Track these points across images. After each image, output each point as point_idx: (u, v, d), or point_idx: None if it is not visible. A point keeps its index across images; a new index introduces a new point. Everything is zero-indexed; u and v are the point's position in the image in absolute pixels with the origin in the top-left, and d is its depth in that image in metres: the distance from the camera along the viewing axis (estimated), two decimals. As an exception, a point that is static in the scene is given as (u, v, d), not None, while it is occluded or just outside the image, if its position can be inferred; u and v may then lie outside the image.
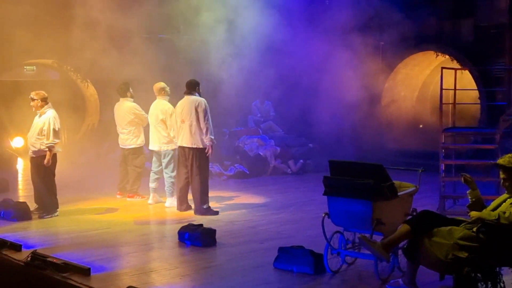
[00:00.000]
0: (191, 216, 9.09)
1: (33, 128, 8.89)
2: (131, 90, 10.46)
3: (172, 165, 9.76)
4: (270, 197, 10.79)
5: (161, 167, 9.89)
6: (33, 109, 8.94)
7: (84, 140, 15.98)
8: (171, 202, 9.70)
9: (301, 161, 14.08)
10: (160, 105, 9.79)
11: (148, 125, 10.07)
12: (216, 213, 9.08)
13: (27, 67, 16.53)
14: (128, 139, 10.32)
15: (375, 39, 15.36)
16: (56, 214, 8.96)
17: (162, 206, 9.88)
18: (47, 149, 8.74)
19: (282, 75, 14.95)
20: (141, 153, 10.42)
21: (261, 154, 13.94)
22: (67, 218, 8.95)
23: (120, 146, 10.52)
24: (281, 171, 13.91)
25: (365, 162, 6.36)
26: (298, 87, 15.11)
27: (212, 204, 9.42)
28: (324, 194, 6.32)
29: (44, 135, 8.72)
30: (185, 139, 9.08)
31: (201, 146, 9.06)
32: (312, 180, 12.36)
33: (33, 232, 8.18)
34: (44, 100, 8.89)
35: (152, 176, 9.99)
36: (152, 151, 9.98)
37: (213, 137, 9.06)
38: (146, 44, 14.90)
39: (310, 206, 9.83)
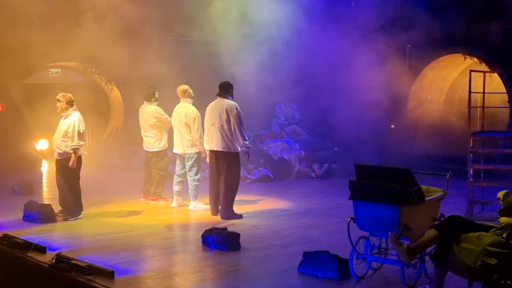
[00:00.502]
0: (215, 220, 9.10)
1: (58, 130, 8.98)
2: (156, 95, 10.49)
3: (195, 168, 9.77)
4: (295, 201, 10.78)
5: (184, 170, 9.91)
6: (58, 110, 9.04)
7: (108, 143, 16.11)
8: (194, 206, 9.72)
9: (326, 165, 14.05)
10: (184, 108, 9.81)
11: (172, 128, 10.12)
12: (240, 216, 9.08)
13: (52, 69, 16.73)
14: (151, 142, 10.39)
15: (401, 41, 15.24)
16: (80, 216, 9.03)
17: (186, 210, 9.90)
18: (72, 151, 8.83)
19: (305, 75, 14.90)
20: (165, 156, 10.46)
21: (286, 157, 13.94)
22: (91, 221, 9.02)
23: (144, 149, 10.60)
24: (306, 175, 13.90)
25: (392, 166, 6.30)
26: (321, 88, 15.06)
27: (236, 208, 9.41)
28: (350, 199, 6.30)
29: (69, 137, 8.81)
30: (216, 143, 9.04)
31: (232, 151, 9.01)
32: (337, 184, 12.34)
33: (58, 235, 8.25)
34: (70, 103, 8.98)
35: (176, 179, 10.01)
36: (175, 154, 10.01)
37: (247, 142, 9.02)
38: (170, 46, 15.02)
39: (336, 211, 9.79)
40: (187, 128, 9.72)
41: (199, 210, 9.61)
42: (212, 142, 9.07)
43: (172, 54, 14.70)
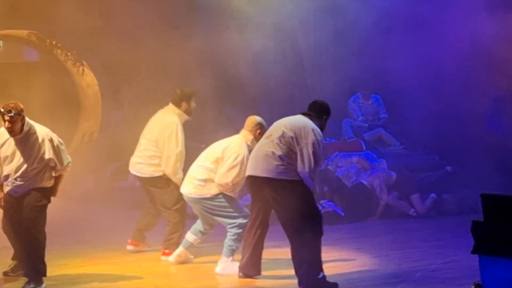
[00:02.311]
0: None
1: (16, 158, 9.13)
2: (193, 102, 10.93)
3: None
4: (381, 256, 10.76)
5: None
6: (10, 133, 9.16)
7: (77, 159, 16.22)
8: (226, 266, 9.83)
9: (433, 195, 13.99)
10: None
11: None
12: (335, 286, 8.98)
13: (-11, 42, 17.02)
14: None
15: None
16: (44, 286, 9.10)
17: (197, 269, 10.02)
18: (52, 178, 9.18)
19: (411, 62, 15.04)
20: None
21: (365, 183, 13.90)
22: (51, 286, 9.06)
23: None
24: (400, 212, 13.87)
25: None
26: (434, 79, 15.09)
27: (283, 265, 9.31)
28: (473, 252, 6.30)
29: (45, 164, 9.03)
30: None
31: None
32: (452, 228, 12.34)
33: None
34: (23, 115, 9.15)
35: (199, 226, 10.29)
36: None
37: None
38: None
39: (450, 273, 9.70)
40: None
41: (231, 274, 9.70)
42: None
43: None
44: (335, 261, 10.45)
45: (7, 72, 15.81)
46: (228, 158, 9.76)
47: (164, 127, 10.63)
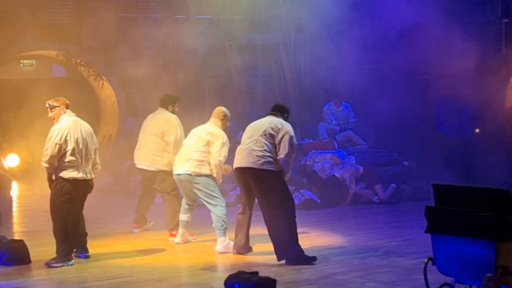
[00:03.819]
0: (244, 261, 9.10)
1: None
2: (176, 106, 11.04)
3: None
4: (350, 236, 10.77)
5: None
6: (53, 119, 9.25)
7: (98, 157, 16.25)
8: (225, 245, 9.80)
9: (393, 185, 14.00)
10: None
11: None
12: (314, 259, 9.03)
13: (24, 61, 16.98)
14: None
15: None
16: (70, 263, 9.08)
17: (196, 247, 10.03)
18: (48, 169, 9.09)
19: (373, 75, 15.17)
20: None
21: (337, 175, 13.90)
22: (76, 262, 9.09)
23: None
24: (365, 200, 13.88)
25: (485, 187, 6.24)
26: (391, 89, 15.19)
27: (269, 246, 9.37)
28: (426, 231, 6.28)
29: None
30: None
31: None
32: (409, 212, 12.33)
33: (32, 281, 8.31)
34: (67, 106, 9.27)
35: (184, 205, 10.27)
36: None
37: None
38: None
39: (407, 248, 9.73)
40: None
41: (228, 251, 9.70)
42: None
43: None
44: (313, 239, 10.47)
45: (39, 86, 15.78)
46: (217, 139, 9.82)
47: (166, 121, 10.74)
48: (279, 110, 9.48)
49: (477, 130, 15.63)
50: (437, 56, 15.15)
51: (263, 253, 9.48)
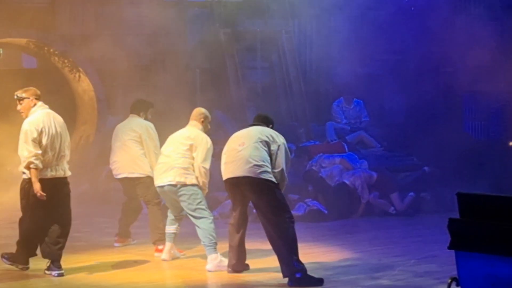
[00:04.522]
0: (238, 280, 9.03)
1: None
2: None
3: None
4: (362, 252, 10.75)
5: None
6: (23, 114, 9.31)
7: (74, 161, 16.18)
8: (216, 263, 9.79)
9: (412, 194, 13.99)
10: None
11: None
12: (320, 282, 9.01)
13: (-10, 49, 16.94)
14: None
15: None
16: (26, 266, 9.23)
17: (190, 265, 9.97)
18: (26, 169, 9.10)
19: (390, 67, 15.14)
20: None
21: (347, 183, 13.87)
22: (47, 282, 9.03)
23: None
24: (380, 211, 13.89)
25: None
26: (411, 84, 15.15)
27: (271, 261, 9.32)
28: (450, 248, 6.25)
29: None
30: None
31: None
32: (430, 225, 12.31)
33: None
34: (38, 97, 9.35)
35: (170, 216, 10.32)
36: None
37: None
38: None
39: (428, 267, 9.71)
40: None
41: (221, 269, 9.69)
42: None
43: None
44: (319, 256, 10.45)
45: (7, 78, 15.75)
46: (201, 143, 9.87)
47: (143, 128, 10.90)
48: (263, 120, 9.68)
49: (511, 144, 15.59)
50: (464, 47, 15.11)
51: (260, 270, 9.48)
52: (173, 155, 9.89)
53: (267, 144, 9.21)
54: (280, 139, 9.32)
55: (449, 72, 15.72)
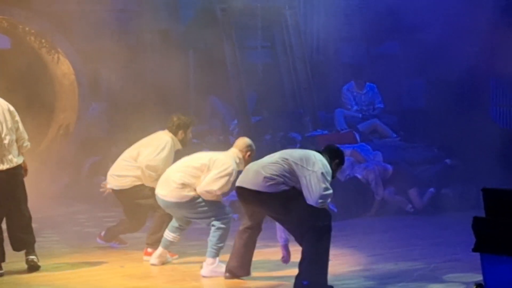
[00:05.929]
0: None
1: None
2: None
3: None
4: (377, 255, 10.80)
5: None
6: None
7: (52, 154, 16.19)
8: (213, 268, 9.85)
9: (432, 190, 14.03)
10: None
11: None
12: None
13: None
14: None
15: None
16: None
17: (183, 270, 10.03)
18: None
19: (407, 48, 15.13)
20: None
21: (360, 177, 13.94)
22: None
23: None
24: (396, 208, 13.91)
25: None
26: (432, 66, 15.14)
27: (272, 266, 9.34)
28: (474, 250, 6.33)
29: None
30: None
31: None
32: (452, 225, 12.34)
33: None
34: None
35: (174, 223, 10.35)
36: None
37: None
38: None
39: (450, 272, 9.72)
40: None
41: (217, 276, 9.75)
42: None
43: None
44: (330, 257, 10.45)
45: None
46: (217, 168, 9.83)
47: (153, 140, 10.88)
48: (328, 153, 9.47)
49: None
50: (491, 24, 15.09)
51: (262, 279, 9.51)
52: (177, 168, 10.05)
53: (296, 165, 9.07)
54: (317, 166, 9.06)
55: (474, 52, 15.69)
